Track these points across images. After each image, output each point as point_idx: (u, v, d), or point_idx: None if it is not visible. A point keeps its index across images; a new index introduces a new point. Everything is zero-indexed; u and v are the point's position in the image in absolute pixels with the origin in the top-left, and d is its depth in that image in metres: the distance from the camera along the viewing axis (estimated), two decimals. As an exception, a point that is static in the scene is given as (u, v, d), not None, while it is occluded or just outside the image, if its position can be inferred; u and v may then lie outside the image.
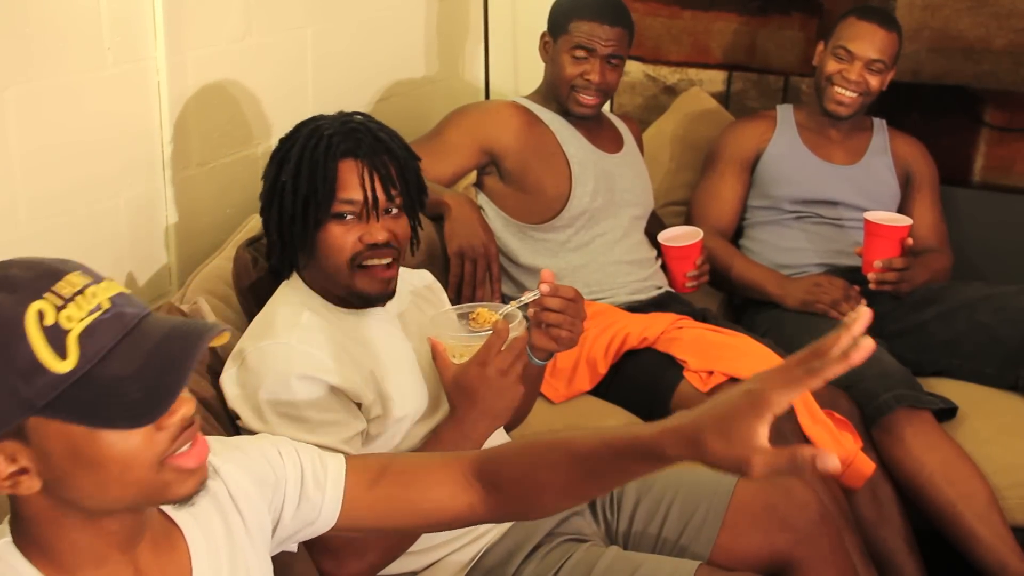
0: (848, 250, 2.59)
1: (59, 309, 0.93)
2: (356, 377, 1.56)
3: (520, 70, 3.07)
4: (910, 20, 2.83)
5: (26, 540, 1.02)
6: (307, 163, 1.57)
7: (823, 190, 2.65)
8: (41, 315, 0.92)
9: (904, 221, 2.44)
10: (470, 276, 2.21)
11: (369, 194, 1.57)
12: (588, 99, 2.41)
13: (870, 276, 2.43)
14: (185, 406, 1.00)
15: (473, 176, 2.47)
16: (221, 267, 1.93)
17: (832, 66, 2.59)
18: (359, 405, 1.57)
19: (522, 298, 1.63)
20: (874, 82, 2.57)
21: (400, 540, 1.53)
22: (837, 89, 2.58)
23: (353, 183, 1.57)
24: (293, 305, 1.62)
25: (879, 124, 2.76)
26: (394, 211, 1.62)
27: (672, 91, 3.13)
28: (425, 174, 2.33)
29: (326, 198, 1.56)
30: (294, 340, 1.54)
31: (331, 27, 2.44)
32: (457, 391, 1.56)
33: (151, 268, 2.04)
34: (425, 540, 1.59)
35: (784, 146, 2.69)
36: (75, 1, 1.77)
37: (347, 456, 1.27)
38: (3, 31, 1.65)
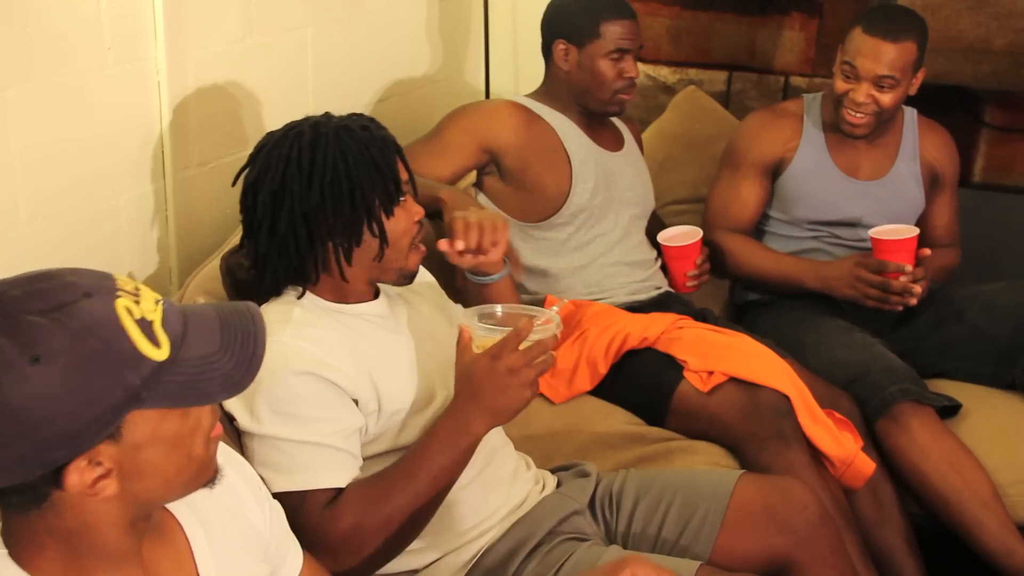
0: None
1: (136, 303, 0.97)
2: (351, 371, 1.55)
3: (520, 70, 3.07)
4: (910, 20, 2.83)
5: (28, 552, 1.00)
6: (369, 160, 1.59)
7: (845, 210, 2.54)
8: (128, 310, 0.96)
9: (911, 232, 2.37)
10: None
11: (406, 174, 1.65)
12: (629, 96, 2.45)
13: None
14: None
15: (473, 176, 2.47)
16: (221, 267, 1.93)
17: (840, 84, 2.42)
18: (356, 402, 1.56)
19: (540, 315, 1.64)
20: (885, 99, 2.38)
21: (399, 535, 1.52)
22: (847, 111, 2.42)
23: (400, 166, 1.64)
24: (282, 305, 1.62)
25: (910, 119, 2.60)
26: None
27: (672, 91, 3.12)
28: (426, 174, 2.36)
29: (398, 186, 1.62)
30: (288, 337, 1.54)
31: (331, 27, 2.44)
32: (463, 379, 1.53)
33: (151, 268, 2.04)
34: (425, 539, 1.59)
35: (810, 159, 2.54)
36: (75, 1, 1.77)
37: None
38: (3, 31, 1.65)
